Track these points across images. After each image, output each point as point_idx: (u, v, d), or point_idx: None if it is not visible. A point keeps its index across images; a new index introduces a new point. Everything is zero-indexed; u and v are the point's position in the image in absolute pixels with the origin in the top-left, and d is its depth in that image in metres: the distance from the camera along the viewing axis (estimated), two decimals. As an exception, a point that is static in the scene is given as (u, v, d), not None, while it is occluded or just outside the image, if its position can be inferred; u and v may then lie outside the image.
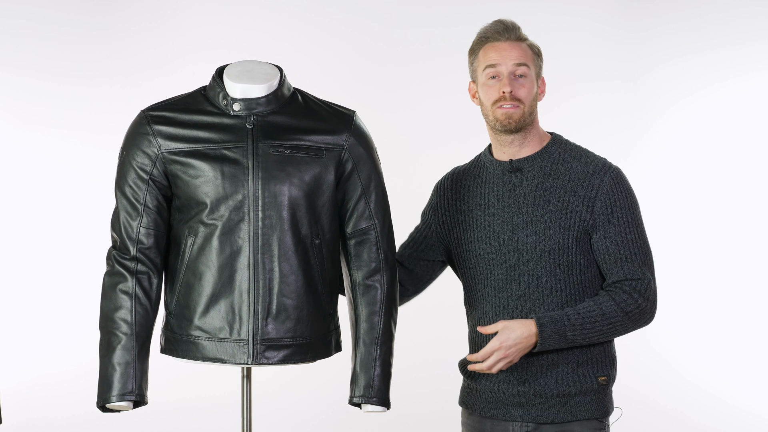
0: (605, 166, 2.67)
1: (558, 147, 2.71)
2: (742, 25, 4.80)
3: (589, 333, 2.60)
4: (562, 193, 2.64)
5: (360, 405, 2.73)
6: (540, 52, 2.72)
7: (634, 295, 2.60)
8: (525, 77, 2.66)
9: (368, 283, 2.73)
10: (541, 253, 2.64)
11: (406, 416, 4.50)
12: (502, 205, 2.69)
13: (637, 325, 2.64)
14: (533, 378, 2.67)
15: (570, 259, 2.63)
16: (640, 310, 2.61)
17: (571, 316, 2.59)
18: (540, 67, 2.71)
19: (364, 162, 2.71)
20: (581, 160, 2.68)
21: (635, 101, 4.87)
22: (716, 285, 4.83)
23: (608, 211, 2.62)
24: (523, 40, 2.69)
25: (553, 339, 2.58)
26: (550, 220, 2.63)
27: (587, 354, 2.66)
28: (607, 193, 2.63)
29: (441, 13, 4.78)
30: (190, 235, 2.64)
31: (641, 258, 2.63)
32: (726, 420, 4.74)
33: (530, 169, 2.69)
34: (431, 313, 4.37)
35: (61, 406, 4.57)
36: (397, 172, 3.74)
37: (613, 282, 2.63)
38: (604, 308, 2.59)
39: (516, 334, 2.57)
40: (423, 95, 4.78)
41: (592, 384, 2.67)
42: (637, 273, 2.61)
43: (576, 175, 2.65)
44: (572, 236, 2.63)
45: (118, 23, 4.67)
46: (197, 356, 2.67)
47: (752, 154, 4.82)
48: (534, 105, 2.68)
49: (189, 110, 2.67)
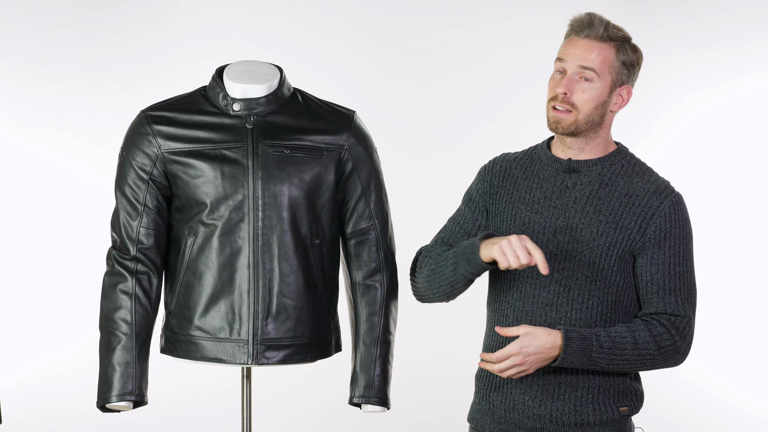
0: (668, 188, 2.48)
1: (622, 158, 2.51)
2: (742, 25, 4.79)
3: (616, 359, 2.39)
4: (616, 206, 2.44)
5: (360, 405, 2.73)
6: (634, 60, 2.48)
7: (672, 330, 2.40)
8: (590, 82, 2.43)
9: (368, 283, 2.73)
10: (579, 263, 2.43)
11: (406, 416, 4.50)
12: (548, 205, 2.48)
13: (667, 362, 2.43)
14: (550, 399, 2.46)
15: (608, 276, 2.43)
16: (675, 348, 2.41)
17: (601, 337, 2.38)
18: (627, 75, 2.47)
19: (364, 162, 2.71)
20: (643, 177, 2.48)
21: (635, 101, 4.86)
22: (716, 285, 4.83)
23: (661, 236, 2.42)
24: (610, 41, 2.44)
25: (576, 356, 2.37)
26: (597, 232, 2.43)
27: (609, 381, 2.47)
28: (664, 218, 2.43)
29: (441, 13, 4.78)
30: (190, 235, 2.64)
31: (685, 294, 2.43)
32: (726, 420, 4.74)
33: (588, 173, 2.48)
34: (431, 313, 4.37)
35: (61, 406, 4.57)
36: (398, 172, 3.73)
37: (650, 313, 2.43)
38: (637, 337, 2.39)
39: (539, 342, 2.36)
40: (423, 95, 4.78)
41: (613, 414, 2.47)
42: (678, 309, 2.42)
43: (635, 191, 2.45)
44: (616, 253, 2.42)
45: (118, 23, 4.67)
46: (197, 356, 2.67)
47: (752, 154, 4.83)
48: (595, 114, 2.44)
49: (189, 110, 2.67)
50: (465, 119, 4.77)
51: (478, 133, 4.73)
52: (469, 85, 4.74)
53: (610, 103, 2.47)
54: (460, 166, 4.01)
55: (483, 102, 4.76)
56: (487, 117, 4.77)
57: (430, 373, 4.60)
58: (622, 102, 2.49)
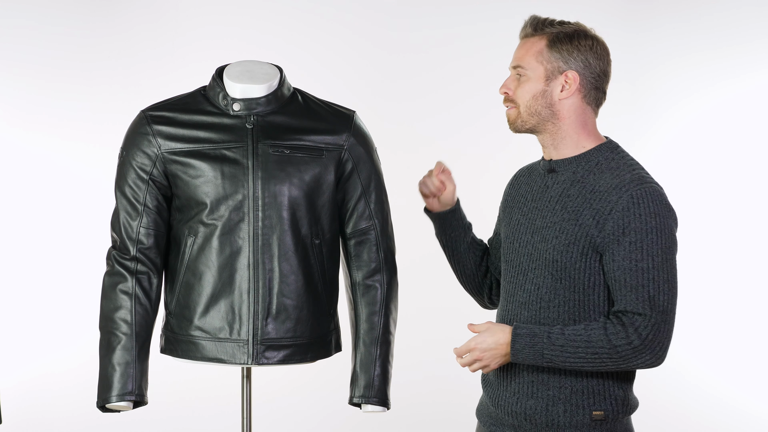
0: (634, 182, 2.39)
1: (601, 154, 2.47)
2: (742, 25, 4.79)
3: (569, 357, 2.37)
4: (579, 202, 2.42)
5: (360, 405, 2.73)
6: (571, 46, 2.45)
7: (629, 329, 2.34)
8: (523, 76, 2.47)
9: (368, 283, 2.73)
10: (546, 262, 2.44)
11: (406, 416, 4.50)
12: (533, 207, 2.52)
13: (630, 363, 2.36)
14: (525, 397, 2.48)
15: (573, 275, 2.41)
16: (632, 348, 2.34)
17: (553, 335, 2.38)
18: (565, 61, 2.45)
19: (364, 162, 2.71)
20: (614, 172, 2.43)
21: (635, 101, 4.87)
22: (716, 285, 4.83)
23: (620, 231, 2.35)
24: (539, 34, 2.47)
25: (526, 353, 2.40)
26: (559, 229, 2.43)
27: (583, 382, 2.44)
28: (622, 212, 2.35)
29: (442, 13, 4.78)
30: (190, 235, 2.64)
31: (649, 292, 2.34)
32: (726, 420, 4.74)
33: (564, 172, 2.49)
34: (431, 313, 4.37)
35: (61, 406, 4.57)
36: (398, 173, 3.73)
37: (615, 311, 2.38)
38: (591, 335, 2.36)
39: (493, 338, 2.43)
40: (424, 95, 4.78)
41: (584, 417, 2.43)
42: (638, 307, 2.34)
43: (600, 187, 2.41)
44: (577, 250, 2.40)
45: (118, 23, 4.67)
46: (197, 356, 2.67)
47: (752, 153, 4.83)
48: (538, 104, 2.46)
49: (189, 110, 2.67)
50: (464, 117, 4.77)
51: (486, 138, 4.71)
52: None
53: (553, 92, 2.46)
54: (462, 167, 4.01)
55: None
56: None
57: (430, 374, 4.60)
58: (568, 87, 2.45)
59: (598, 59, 2.47)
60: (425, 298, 4.39)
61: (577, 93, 2.46)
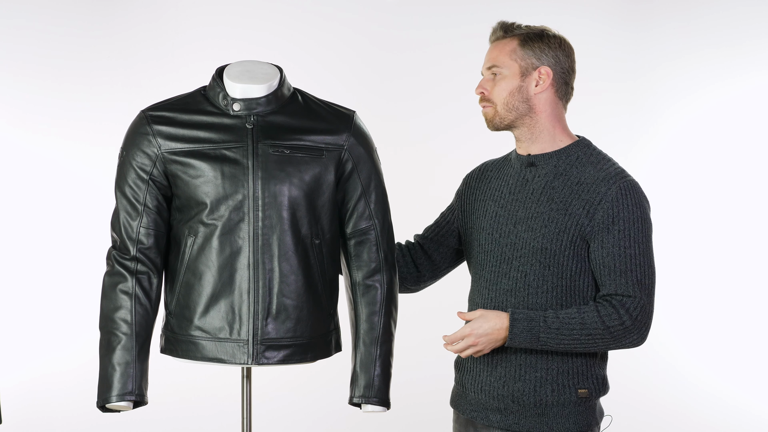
0: (618, 175, 2.60)
1: (579, 150, 2.66)
2: (742, 25, 4.80)
3: (564, 340, 2.54)
4: (567, 194, 2.59)
5: (360, 405, 2.73)
6: (542, 44, 2.63)
7: (620, 311, 2.52)
8: (498, 75, 2.65)
9: (368, 283, 2.73)
10: (533, 250, 2.60)
11: (406, 416, 4.50)
12: (512, 198, 2.67)
13: (619, 343, 2.55)
14: (512, 380, 2.63)
15: (561, 261, 2.58)
16: (624, 328, 2.53)
17: (548, 319, 2.55)
18: (538, 57, 2.64)
19: (364, 162, 2.71)
20: (597, 166, 2.62)
21: (635, 101, 4.87)
22: (716, 285, 4.83)
23: (609, 221, 2.55)
24: (509, 36, 2.66)
25: (523, 337, 2.55)
26: (548, 219, 2.59)
27: (569, 363, 2.61)
28: (612, 203, 2.55)
29: (442, 13, 4.78)
30: (190, 235, 2.64)
31: (638, 276, 2.54)
32: (726, 420, 4.74)
33: (544, 166, 2.66)
34: (431, 313, 4.37)
35: (61, 406, 4.57)
36: (398, 172, 3.74)
37: (603, 295, 2.56)
38: (585, 317, 2.53)
39: (489, 324, 2.57)
40: (424, 95, 4.78)
41: (570, 396, 2.61)
42: (628, 290, 2.54)
43: (585, 179, 2.59)
44: (567, 239, 2.57)
45: (118, 23, 4.67)
46: (197, 356, 2.67)
47: (752, 153, 4.83)
48: (514, 100, 2.64)
49: (189, 110, 2.67)
50: (461, 117, 4.77)
51: (479, 137, 4.72)
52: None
53: (528, 87, 2.65)
54: (463, 167, 4.01)
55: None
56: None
57: (430, 374, 4.60)
58: (542, 82, 2.64)
59: (566, 56, 2.67)
60: (425, 298, 4.39)
61: (550, 87, 2.65)
